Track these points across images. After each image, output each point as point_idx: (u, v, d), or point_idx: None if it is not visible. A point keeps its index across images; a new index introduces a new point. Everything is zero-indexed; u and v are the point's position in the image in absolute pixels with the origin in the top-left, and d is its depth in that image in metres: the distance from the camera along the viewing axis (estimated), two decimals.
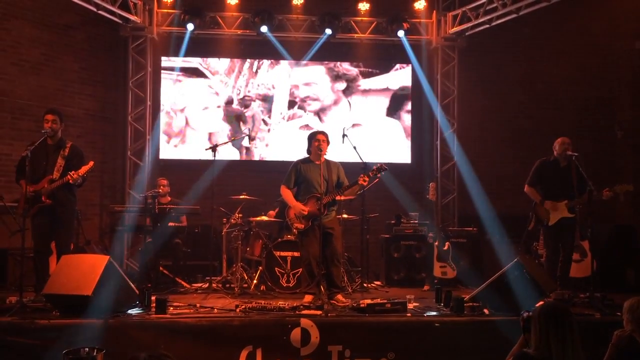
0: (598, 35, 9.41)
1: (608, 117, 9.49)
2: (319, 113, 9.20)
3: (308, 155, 5.96)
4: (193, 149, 8.84)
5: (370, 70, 9.33)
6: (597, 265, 5.93)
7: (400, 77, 9.33)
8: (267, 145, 9.07)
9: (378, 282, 7.51)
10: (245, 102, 9.07)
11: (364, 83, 9.28)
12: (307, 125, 9.06)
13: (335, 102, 9.23)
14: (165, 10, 8.81)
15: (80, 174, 5.37)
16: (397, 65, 9.34)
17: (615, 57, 9.49)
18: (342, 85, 9.25)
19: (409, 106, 9.31)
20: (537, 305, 3.20)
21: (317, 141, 5.80)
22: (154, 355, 2.16)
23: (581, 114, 9.42)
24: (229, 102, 9.07)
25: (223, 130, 9.00)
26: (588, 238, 6.46)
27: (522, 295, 4.85)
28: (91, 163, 5.49)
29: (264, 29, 8.63)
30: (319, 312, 4.92)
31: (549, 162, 6.09)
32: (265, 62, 9.18)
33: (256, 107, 9.11)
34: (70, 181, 5.36)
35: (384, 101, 9.27)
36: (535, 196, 6.10)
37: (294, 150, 8.03)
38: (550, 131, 8.34)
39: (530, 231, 6.44)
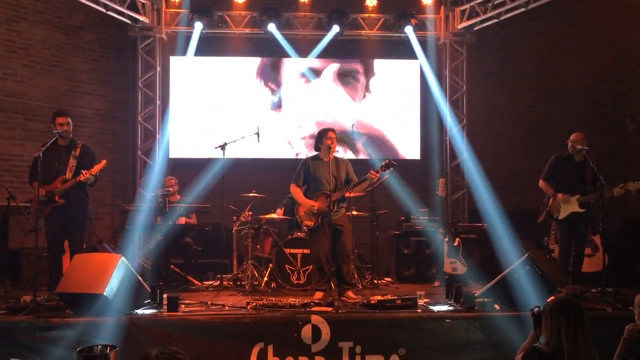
0: (608, 29, 9.33)
1: (619, 110, 9.41)
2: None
3: (317, 153, 5.97)
4: (202, 148, 8.88)
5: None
6: (609, 260, 5.89)
7: (405, 67, 9.31)
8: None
9: (388, 279, 7.52)
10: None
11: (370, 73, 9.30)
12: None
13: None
14: (174, 10, 8.85)
15: (93, 172, 5.42)
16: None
17: (626, 50, 9.41)
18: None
19: (418, 102, 9.28)
20: (548, 300, 3.20)
21: (329, 139, 5.79)
22: (166, 352, 2.18)
23: (592, 108, 9.35)
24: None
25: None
26: (599, 232, 6.42)
27: (533, 290, 4.84)
28: (104, 162, 5.54)
29: (271, 27, 8.66)
30: (329, 309, 4.93)
31: (563, 158, 6.07)
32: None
33: None
34: (83, 180, 5.41)
35: (391, 97, 9.25)
36: (548, 191, 6.08)
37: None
38: (561, 126, 8.31)
39: (541, 224, 6.42)
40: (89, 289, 4.63)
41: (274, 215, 7.03)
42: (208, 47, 9.00)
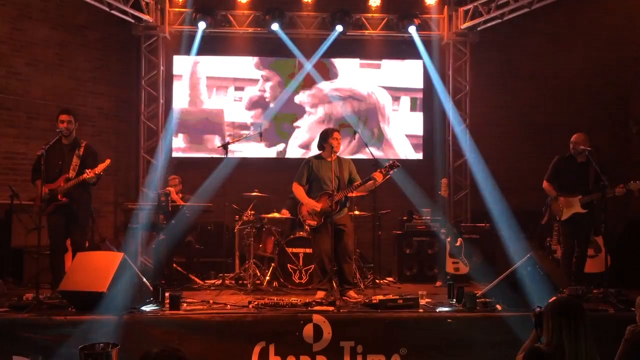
0: (612, 29, 9.29)
1: (623, 111, 9.37)
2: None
3: (320, 152, 5.97)
4: (205, 147, 8.90)
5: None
6: (612, 261, 5.89)
7: (408, 67, 9.30)
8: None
9: (390, 278, 7.52)
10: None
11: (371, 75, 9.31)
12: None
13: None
14: (177, 9, 8.87)
15: (96, 172, 5.44)
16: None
17: (630, 51, 9.36)
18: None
19: (420, 102, 9.27)
20: (550, 300, 3.19)
21: (335, 139, 5.78)
22: (167, 350, 2.19)
23: (595, 108, 9.31)
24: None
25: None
26: (602, 233, 6.41)
27: (535, 291, 4.84)
28: (108, 161, 5.55)
29: (274, 26, 8.66)
30: (331, 308, 4.93)
31: (565, 158, 6.08)
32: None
33: None
34: (86, 179, 5.43)
35: (394, 97, 9.25)
36: (551, 192, 6.08)
37: None
38: (564, 126, 8.27)
39: (544, 226, 6.41)
40: (91, 287, 4.64)
41: (276, 215, 7.03)
42: (211, 46, 9.02)
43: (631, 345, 3.19)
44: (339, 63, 9.24)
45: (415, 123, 9.25)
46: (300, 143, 9.07)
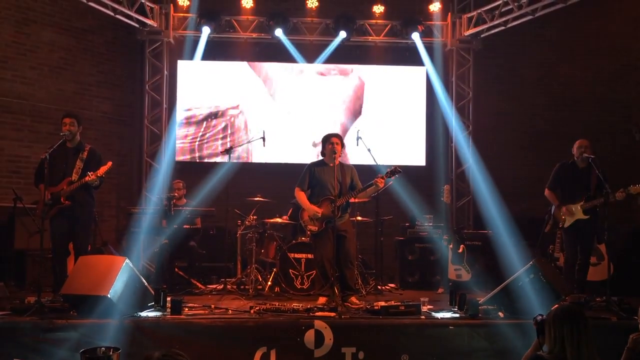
0: (616, 37, 9.30)
1: (625, 119, 9.37)
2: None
3: (322, 158, 5.98)
4: (208, 152, 8.92)
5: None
6: (614, 269, 5.86)
7: (411, 73, 9.32)
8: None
9: (392, 285, 7.51)
10: None
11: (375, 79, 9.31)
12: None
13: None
14: (182, 14, 8.91)
15: (98, 174, 5.45)
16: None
17: (633, 58, 9.38)
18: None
19: (423, 108, 9.27)
20: (552, 308, 3.19)
21: (331, 144, 5.81)
22: (168, 355, 2.19)
23: (598, 116, 9.31)
24: None
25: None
26: (605, 241, 6.39)
27: (537, 298, 4.82)
28: (109, 163, 5.56)
29: (278, 32, 8.69)
30: (332, 314, 4.93)
31: (567, 165, 6.07)
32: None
33: None
34: (88, 181, 5.44)
35: (397, 103, 9.25)
36: (554, 200, 6.07)
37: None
38: (567, 133, 8.26)
39: (546, 234, 6.39)
40: (93, 290, 4.64)
41: (278, 220, 7.03)
42: (215, 51, 9.05)
43: (633, 353, 3.19)
44: (341, 68, 9.26)
45: (418, 129, 9.25)
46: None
